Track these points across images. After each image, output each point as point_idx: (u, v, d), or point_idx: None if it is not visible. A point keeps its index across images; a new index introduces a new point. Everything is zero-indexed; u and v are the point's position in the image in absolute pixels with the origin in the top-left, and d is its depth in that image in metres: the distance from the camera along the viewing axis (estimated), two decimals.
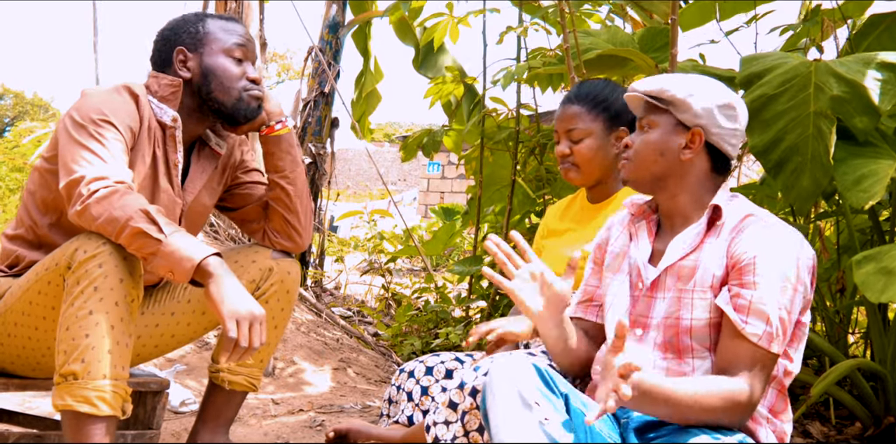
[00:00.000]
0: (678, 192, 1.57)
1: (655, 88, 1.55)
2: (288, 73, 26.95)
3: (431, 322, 4.20)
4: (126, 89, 1.80)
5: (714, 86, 1.56)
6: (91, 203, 1.60)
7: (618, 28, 3.16)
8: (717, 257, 1.48)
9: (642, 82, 1.59)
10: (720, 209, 1.52)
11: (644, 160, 1.57)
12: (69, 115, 1.74)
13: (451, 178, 12.61)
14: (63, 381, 1.55)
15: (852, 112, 2.20)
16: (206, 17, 1.92)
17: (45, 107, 30.01)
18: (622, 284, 1.60)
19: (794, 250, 1.45)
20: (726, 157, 1.57)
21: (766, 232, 1.46)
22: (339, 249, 8.35)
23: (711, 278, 1.47)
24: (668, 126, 1.55)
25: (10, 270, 1.84)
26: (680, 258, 1.52)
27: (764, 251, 1.43)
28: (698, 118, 1.53)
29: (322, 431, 2.54)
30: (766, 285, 1.41)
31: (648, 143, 1.56)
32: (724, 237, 1.49)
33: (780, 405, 1.51)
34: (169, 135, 1.87)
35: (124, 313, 1.59)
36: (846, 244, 2.73)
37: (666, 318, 1.50)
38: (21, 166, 8.37)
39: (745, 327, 1.39)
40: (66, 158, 1.68)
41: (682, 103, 1.53)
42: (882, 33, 2.68)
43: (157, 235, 1.58)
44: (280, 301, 1.96)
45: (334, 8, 5.09)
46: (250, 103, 1.89)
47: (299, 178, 2.01)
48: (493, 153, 3.68)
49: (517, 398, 1.33)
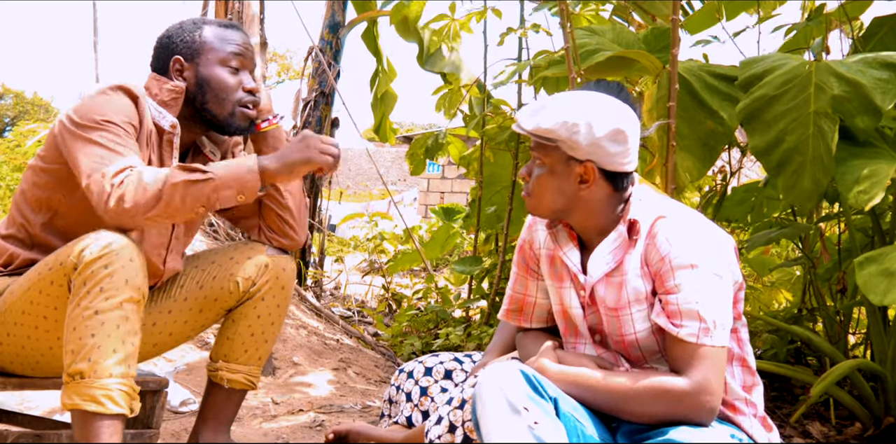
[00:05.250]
0: (586, 217, 1.57)
1: (540, 128, 1.51)
2: (288, 73, 26.95)
3: (432, 323, 4.20)
4: (124, 90, 1.79)
5: (596, 113, 1.50)
6: (123, 194, 1.60)
7: (623, 27, 3.15)
8: (639, 268, 1.50)
9: (526, 117, 1.54)
10: (636, 223, 1.52)
11: (542, 198, 1.56)
12: (69, 117, 1.73)
13: (452, 178, 12.61)
14: (71, 380, 1.56)
15: (853, 112, 2.20)
16: (205, 25, 1.91)
17: (46, 107, 29.99)
18: (572, 291, 1.61)
19: (705, 240, 1.46)
20: (624, 173, 1.55)
21: (675, 232, 1.47)
22: (339, 249, 8.35)
23: (642, 290, 1.49)
24: (560, 162, 1.53)
25: (6, 268, 1.83)
26: (605, 274, 1.54)
27: (676, 252, 1.44)
28: (589, 154, 1.50)
29: (322, 431, 2.53)
30: (687, 284, 1.42)
31: (543, 181, 1.55)
32: (640, 247, 1.51)
33: (749, 379, 1.54)
34: (166, 140, 1.87)
35: (130, 314, 1.59)
36: (847, 245, 2.73)
37: (611, 334, 1.55)
38: (21, 166, 8.36)
39: (679, 332, 1.41)
40: (81, 159, 1.67)
41: (569, 141, 1.50)
42: (886, 35, 2.68)
43: (203, 176, 1.65)
44: (276, 297, 1.96)
45: (335, 8, 5.08)
46: (242, 122, 1.89)
47: None
48: (494, 154, 3.68)
49: (505, 404, 1.34)
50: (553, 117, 1.50)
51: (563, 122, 1.49)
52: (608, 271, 1.53)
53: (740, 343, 1.55)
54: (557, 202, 1.55)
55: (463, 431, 1.46)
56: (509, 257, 3.75)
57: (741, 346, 1.55)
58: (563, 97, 1.56)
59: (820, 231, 2.95)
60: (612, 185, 1.55)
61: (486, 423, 1.35)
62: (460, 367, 2.07)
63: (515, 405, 1.34)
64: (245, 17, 4.35)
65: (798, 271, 3.46)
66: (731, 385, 1.50)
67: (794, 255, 3.71)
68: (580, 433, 1.40)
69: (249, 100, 1.89)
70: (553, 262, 1.66)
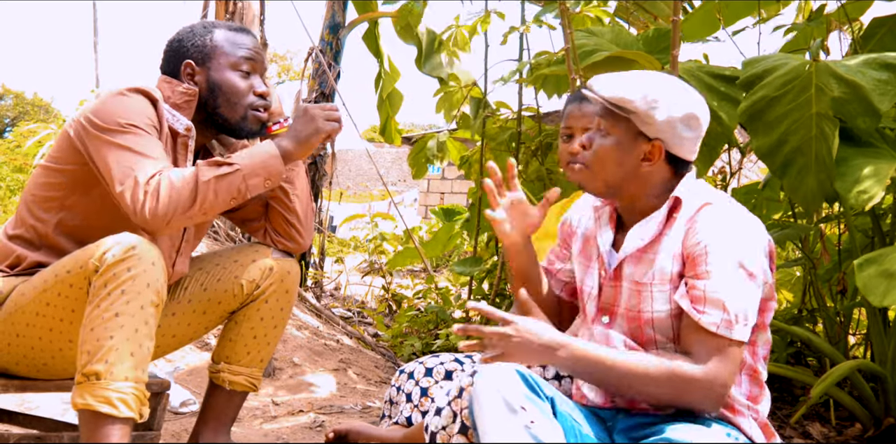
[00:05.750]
0: (637, 197, 1.56)
1: (617, 96, 1.49)
2: (288, 73, 26.97)
3: (432, 323, 4.20)
4: (143, 93, 1.78)
5: (677, 93, 1.50)
6: (158, 199, 1.62)
7: (622, 28, 3.16)
8: (674, 249, 1.48)
9: (602, 84, 1.53)
10: (680, 201, 1.51)
11: (601, 169, 1.53)
12: (89, 120, 1.71)
13: (452, 178, 12.61)
14: (85, 380, 1.55)
15: (853, 113, 2.20)
16: (215, 28, 1.91)
17: (46, 107, 30.00)
18: (594, 271, 1.62)
19: (747, 236, 1.45)
20: (686, 161, 1.55)
21: (718, 221, 1.45)
22: (339, 249, 8.35)
23: (669, 271, 1.47)
24: (629, 135, 1.51)
25: (12, 270, 1.83)
26: (637, 249, 1.52)
27: (716, 240, 1.43)
28: (660, 132, 1.49)
29: (322, 431, 2.53)
30: (719, 273, 1.41)
31: (607, 151, 1.52)
32: (679, 229, 1.49)
33: (756, 390, 1.52)
34: (181, 143, 1.87)
35: (149, 317, 1.59)
36: (847, 246, 2.73)
37: (628, 310, 1.53)
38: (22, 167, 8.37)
39: (701, 318, 1.39)
40: (111, 165, 1.67)
41: (644, 115, 1.48)
42: (885, 35, 2.68)
43: (230, 169, 1.68)
44: (279, 301, 1.96)
45: (335, 9, 5.08)
46: (254, 125, 1.90)
47: (297, 177, 2.01)
48: (494, 155, 3.68)
49: (502, 404, 1.34)
50: (635, 88, 1.49)
51: (644, 94, 1.48)
52: (641, 247, 1.52)
53: (754, 357, 1.51)
54: (616, 176, 1.52)
55: (461, 419, 1.46)
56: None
57: (755, 359, 1.51)
58: (646, 73, 1.55)
59: (820, 232, 2.95)
60: (673, 169, 1.54)
61: (482, 422, 1.35)
62: (461, 368, 2.07)
63: (512, 404, 1.33)
64: (245, 18, 4.34)
65: (798, 272, 3.46)
66: (734, 394, 1.48)
67: (795, 256, 3.71)
68: (577, 432, 1.40)
69: (261, 104, 1.90)
70: (587, 241, 1.67)
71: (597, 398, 1.58)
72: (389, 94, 5.20)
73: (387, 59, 5.17)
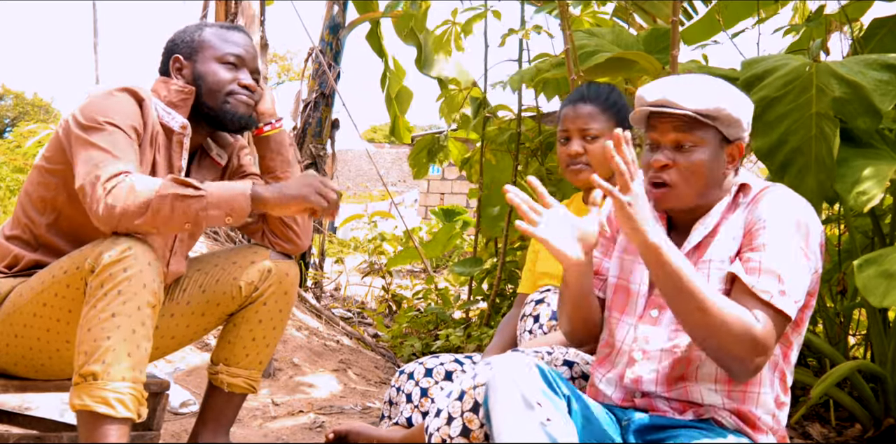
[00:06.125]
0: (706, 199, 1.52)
1: (710, 107, 1.44)
2: (288, 74, 26.97)
3: (431, 324, 4.20)
4: (129, 92, 1.79)
5: (734, 89, 1.51)
6: (113, 198, 1.60)
7: (622, 28, 3.16)
8: (736, 228, 1.47)
9: (681, 97, 1.46)
10: (749, 186, 1.50)
11: (696, 182, 1.47)
12: (74, 117, 1.73)
13: (452, 179, 12.61)
14: (82, 381, 1.55)
15: (854, 113, 2.20)
16: (206, 27, 1.92)
17: (46, 107, 29.97)
18: (643, 266, 1.54)
19: (805, 219, 1.44)
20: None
21: (780, 200, 1.45)
22: (339, 250, 8.35)
23: (728, 249, 1.45)
24: (715, 142, 1.47)
25: (10, 270, 1.83)
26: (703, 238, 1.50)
27: (776, 217, 1.42)
28: (742, 131, 1.49)
29: (322, 432, 2.53)
30: (776, 247, 1.39)
31: (703, 164, 1.46)
32: (741, 210, 1.48)
33: (782, 396, 1.49)
34: (176, 141, 1.87)
35: (146, 318, 1.59)
36: (847, 246, 2.73)
37: None
38: (22, 167, 8.37)
39: (755, 284, 1.37)
40: (79, 160, 1.67)
41: (731, 119, 1.46)
42: (885, 36, 2.68)
43: (195, 192, 1.63)
44: (278, 302, 1.96)
45: (335, 9, 5.08)
46: (238, 108, 1.88)
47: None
48: (495, 156, 3.68)
49: (519, 399, 1.32)
50: (717, 95, 1.46)
51: (728, 98, 1.46)
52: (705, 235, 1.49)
53: (786, 359, 1.48)
54: (707, 185, 1.48)
55: (462, 422, 1.45)
56: (510, 258, 3.76)
57: (786, 361, 1.48)
58: (697, 77, 1.52)
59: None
60: (740, 163, 1.54)
61: (497, 415, 1.33)
62: (461, 368, 2.07)
63: (529, 399, 1.32)
64: (245, 18, 4.34)
65: None
66: (766, 397, 1.45)
67: None
68: (591, 431, 1.39)
69: (245, 93, 1.88)
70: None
71: (615, 394, 1.54)
72: (399, 92, 5.20)
73: (391, 57, 5.18)
